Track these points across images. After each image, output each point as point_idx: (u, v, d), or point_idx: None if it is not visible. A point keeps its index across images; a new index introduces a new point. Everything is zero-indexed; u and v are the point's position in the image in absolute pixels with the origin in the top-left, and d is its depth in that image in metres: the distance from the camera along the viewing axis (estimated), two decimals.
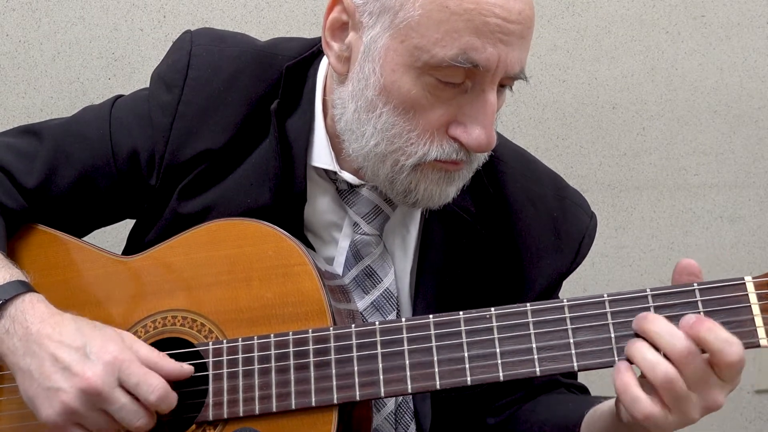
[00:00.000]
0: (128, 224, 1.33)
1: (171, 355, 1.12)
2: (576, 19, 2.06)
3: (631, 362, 1.01)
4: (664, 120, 2.12)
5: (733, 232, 2.17)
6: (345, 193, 1.23)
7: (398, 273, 1.25)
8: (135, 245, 1.27)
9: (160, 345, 1.14)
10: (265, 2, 1.92)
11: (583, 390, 1.34)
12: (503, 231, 1.24)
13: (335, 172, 1.21)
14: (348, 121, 1.15)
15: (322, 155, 1.21)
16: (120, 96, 1.31)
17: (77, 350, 1.05)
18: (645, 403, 0.97)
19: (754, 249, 2.19)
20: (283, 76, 1.22)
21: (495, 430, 1.29)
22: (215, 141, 1.21)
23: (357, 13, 1.11)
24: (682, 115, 2.12)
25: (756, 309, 1.03)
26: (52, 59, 1.86)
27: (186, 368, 1.09)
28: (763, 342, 1.02)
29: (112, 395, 1.04)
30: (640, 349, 0.99)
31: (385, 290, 1.23)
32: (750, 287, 1.04)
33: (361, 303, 1.22)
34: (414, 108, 1.09)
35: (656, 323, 0.99)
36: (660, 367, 0.97)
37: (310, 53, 1.25)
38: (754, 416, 2.24)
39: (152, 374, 1.06)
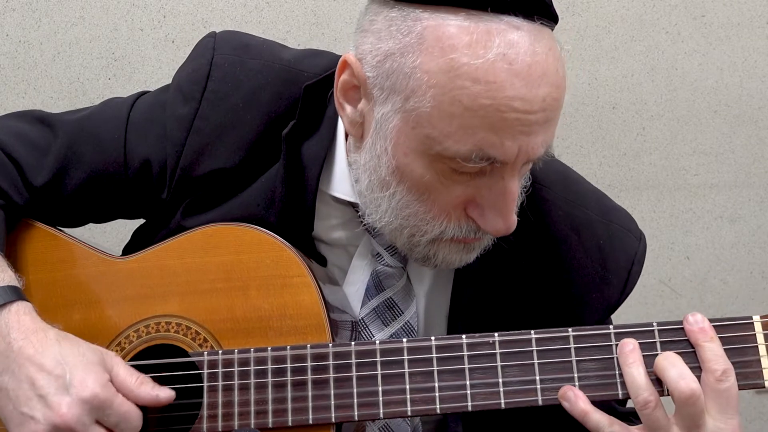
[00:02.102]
0: (131, 223, 1.32)
1: (165, 365, 1.10)
2: (576, 19, 2.06)
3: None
4: (664, 120, 2.12)
5: (733, 232, 2.17)
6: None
7: (416, 303, 1.20)
8: (139, 244, 1.24)
9: (152, 351, 1.12)
10: (264, 2, 1.92)
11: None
12: (546, 264, 1.17)
13: (358, 203, 1.15)
14: (362, 191, 1.09)
15: (341, 185, 1.15)
16: (144, 93, 1.26)
17: (57, 379, 1.02)
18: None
19: (754, 249, 2.19)
20: (302, 97, 1.15)
21: None
22: (229, 160, 1.16)
23: (368, 84, 1.04)
24: (682, 115, 2.12)
25: (762, 350, 1.03)
26: (52, 59, 1.86)
27: (163, 396, 1.06)
28: None
29: None
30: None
31: (406, 323, 1.18)
32: (758, 327, 1.04)
33: (380, 335, 1.17)
34: (429, 190, 1.03)
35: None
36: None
37: (333, 71, 1.14)
38: (755, 416, 2.24)
39: (132, 412, 1.03)
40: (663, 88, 2.10)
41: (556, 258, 1.18)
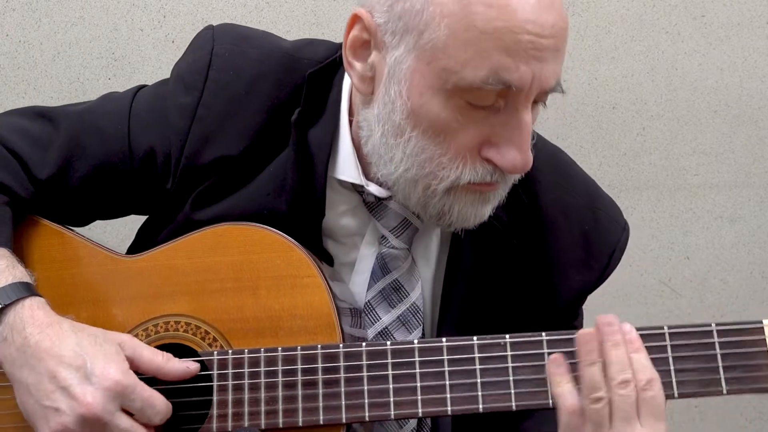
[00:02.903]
0: (131, 221, 1.32)
1: None
2: (576, 19, 2.06)
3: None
4: (664, 120, 2.12)
5: (733, 232, 2.17)
6: (372, 205, 1.18)
7: (422, 284, 1.21)
8: (145, 242, 1.24)
9: (162, 350, 1.12)
10: (264, 2, 1.92)
11: None
12: (533, 242, 1.20)
13: (362, 185, 1.16)
14: (375, 145, 1.10)
15: (347, 168, 1.16)
16: (142, 86, 1.27)
17: (77, 370, 1.03)
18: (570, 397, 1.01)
19: (754, 249, 2.19)
20: (306, 84, 1.17)
21: None
22: (233, 147, 1.17)
23: (379, 33, 1.06)
24: (682, 115, 2.12)
25: None
26: (52, 59, 1.86)
27: (192, 367, 1.08)
28: None
29: (113, 421, 1.03)
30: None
31: (412, 304, 1.19)
32: (767, 332, 1.04)
33: (387, 317, 1.19)
34: (444, 131, 1.03)
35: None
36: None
37: (334, 58, 1.19)
38: (755, 416, 2.24)
39: (155, 396, 1.05)
40: (663, 88, 2.10)
41: (544, 239, 1.21)
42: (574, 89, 2.07)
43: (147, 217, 1.30)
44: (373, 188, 1.16)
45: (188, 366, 1.08)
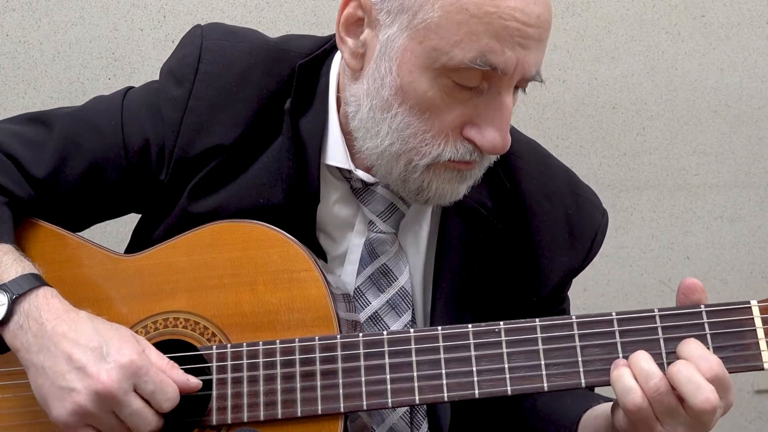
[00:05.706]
0: (130, 221, 1.33)
1: (175, 358, 1.11)
2: (576, 19, 2.06)
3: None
4: (664, 120, 2.12)
5: (733, 232, 2.17)
6: (359, 191, 1.22)
7: (411, 270, 1.24)
8: (140, 242, 1.25)
9: (161, 347, 1.12)
10: (264, 2, 1.92)
11: None
12: (519, 227, 1.24)
13: (349, 171, 1.20)
14: (362, 119, 1.14)
15: (336, 154, 1.20)
16: (131, 87, 1.29)
17: (93, 350, 1.04)
18: (636, 394, 1.00)
19: (754, 249, 2.19)
20: (296, 75, 1.21)
21: (510, 422, 1.29)
22: (226, 137, 1.20)
23: (374, 11, 1.10)
24: (682, 115, 2.12)
25: (761, 333, 1.05)
26: (52, 59, 1.86)
27: (193, 382, 1.09)
28: (767, 365, 1.05)
29: (126, 399, 1.04)
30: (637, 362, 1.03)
31: (401, 288, 1.22)
32: (756, 311, 1.06)
33: (376, 301, 1.22)
34: (430, 109, 1.08)
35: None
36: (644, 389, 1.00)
37: (322, 51, 1.24)
38: (754, 416, 2.24)
39: (167, 381, 1.06)
40: (663, 88, 2.10)
41: (529, 222, 1.25)
42: (574, 89, 2.07)
43: (140, 217, 1.31)
44: (360, 173, 1.20)
45: (189, 379, 1.08)
